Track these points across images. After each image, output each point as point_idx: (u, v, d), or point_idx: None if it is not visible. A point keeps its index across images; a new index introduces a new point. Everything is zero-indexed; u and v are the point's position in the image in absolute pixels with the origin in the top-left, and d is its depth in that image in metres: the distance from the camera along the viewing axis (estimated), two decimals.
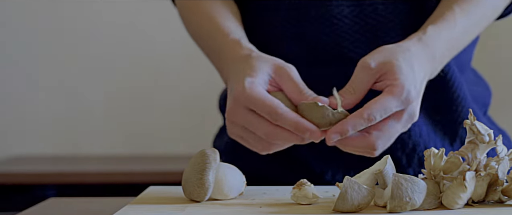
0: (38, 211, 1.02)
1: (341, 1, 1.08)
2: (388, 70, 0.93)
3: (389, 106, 0.91)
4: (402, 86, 0.92)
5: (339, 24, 1.08)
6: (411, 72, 0.94)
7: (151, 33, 2.68)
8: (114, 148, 2.69)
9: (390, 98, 0.91)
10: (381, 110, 0.91)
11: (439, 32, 1.01)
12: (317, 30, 1.08)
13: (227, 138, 1.18)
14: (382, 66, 0.94)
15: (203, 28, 1.09)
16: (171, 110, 2.69)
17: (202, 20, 1.09)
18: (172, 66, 2.67)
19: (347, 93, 0.94)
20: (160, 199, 0.90)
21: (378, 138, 0.93)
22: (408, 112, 0.93)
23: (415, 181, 0.79)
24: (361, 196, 0.80)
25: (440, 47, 1.00)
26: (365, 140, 0.93)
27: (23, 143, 2.70)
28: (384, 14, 1.08)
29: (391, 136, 0.94)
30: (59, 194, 2.27)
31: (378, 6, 1.08)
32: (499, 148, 0.85)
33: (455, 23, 1.03)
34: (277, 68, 0.96)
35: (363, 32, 1.08)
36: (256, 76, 0.94)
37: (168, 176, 2.21)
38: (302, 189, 0.86)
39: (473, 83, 1.18)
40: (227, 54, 1.02)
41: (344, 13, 1.08)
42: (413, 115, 0.94)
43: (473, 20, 1.05)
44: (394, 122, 0.93)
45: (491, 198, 0.85)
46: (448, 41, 1.02)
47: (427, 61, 0.98)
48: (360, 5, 1.08)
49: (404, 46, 0.97)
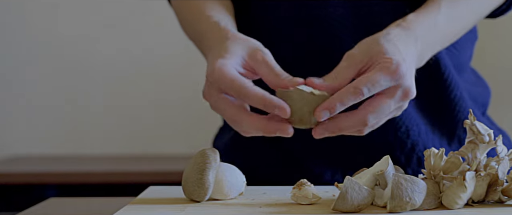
0: (38, 211, 1.02)
1: (338, 2, 1.08)
2: (374, 54, 0.91)
3: (377, 79, 0.88)
4: (390, 60, 0.89)
5: (335, 25, 1.08)
6: (396, 49, 0.91)
7: (151, 33, 2.68)
8: (114, 148, 2.69)
9: (379, 73, 0.88)
10: (368, 83, 0.87)
11: (419, 17, 0.99)
12: (314, 31, 1.08)
13: (227, 138, 1.18)
14: (366, 52, 0.91)
15: (192, 15, 1.08)
16: (171, 110, 2.69)
17: (192, 10, 1.09)
18: (172, 66, 2.67)
19: (329, 78, 0.91)
20: (160, 199, 0.90)
21: (369, 112, 0.89)
22: (401, 88, 0.90)
23: (415, 181, 0.79)
24: (361, 196, 0.80)
25: (421, 30, 0.98)
26: (355, 115, 0.89)
27: (23, 143, 2.70)
28: (380, 15, 1.08)
29: (383, 113, 0.90)
30: (59, 194, 2.27)
31: (373, 7, 1.08)
32: (499, 148, 0.85)
33: (439, 10, 1.01)
34: (252, 51, 0.93)
35: (359, 33, 1.08)
36: (228, 57, 0.92)
37: (168, 176, 2.21)
38: (302, 189, 0.86)
39: (472, 83, 1.18)
40: (207, 35, 1.01)
41: (339, 14, 1.08)
42: (408, 91, 0.90)
43: (461, 7, 1.04)
44: (385, 98, 0.89)
45: (491, 198, 0.85)
46: (432, 26, 1.00)
47: (409, 43, 0.95)
48: (355, 6, 1.08)
49: (383, 31, 0.95)
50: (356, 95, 0.87)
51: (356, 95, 0.87)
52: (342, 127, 0.89)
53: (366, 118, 0.89)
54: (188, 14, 1.11)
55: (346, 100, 0.87)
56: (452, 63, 1.12)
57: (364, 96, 0.88)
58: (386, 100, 0.90)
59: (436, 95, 1.11)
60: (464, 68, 1.17)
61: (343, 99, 0.87)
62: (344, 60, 0.92)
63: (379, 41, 0.92)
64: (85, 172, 2.33)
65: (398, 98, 0.90)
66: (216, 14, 1.04)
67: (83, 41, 2.68)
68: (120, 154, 2.69)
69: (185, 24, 1.13)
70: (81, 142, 2.70)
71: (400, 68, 0.89)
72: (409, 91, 0.90)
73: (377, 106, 0.89)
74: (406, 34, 0.96)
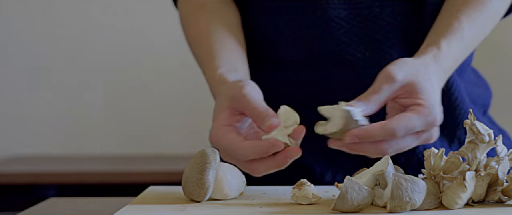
0: (38, 211, 1.02)
1: (338, 4, 1.08)
2: (412, 89, 0.91)
3: (415, 125, 0.89)
4: (429, 108, 0.90)
5: (336, 27, 1.08)
6: (433, 93, 0.92)
7: (151, 33, 2.68)
8: (114, 148, 2.69)
9: (416, 118, 0.89)
10: (405, 128, 0.88)
11: (450, 47, 1.00)
12: (315, 33, 1.08)
13: None
14: (406, 83, 0.91)
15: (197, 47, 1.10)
16: (171, 110, 2.69)
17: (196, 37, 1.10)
18: (172, 66, 2.67)
19: (372, 101, 0.90)
20: (160, 199, 0.90)
21: (391, 147, 0.90)
22: (429, 133, 0.91)
23: (415, 181, 0.79)
24: (361, 196, 0.80)
25: (449, 62, 0.99)
26: (376, 146, 0.90)
27: (23, 143, 2.70)
28: (382, 16, 1.08)
29: (403, 148, 0.91)
30: (59, 194, 2.27)
31: (375, 8, 1.08)
32: (499, 148, 0.85)
33: (462, 35, 1.01)
34: (234, 99, 0.92)
35: (361, 34, 1.08)
36: (219, 118, 0.92)
37: (168, 176, 2.21)
38: (302, 189, 0.86)
39: (473, 83, 1.18)
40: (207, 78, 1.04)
41: (341, 16, 1.08)
42: (431, 137, 0.92)
43: (479, 28, 1.04)
44: (412, 139, 0.91)
45: (491, 198, 0.85)
46: (457, 55, 1.01)
47: (440, 78, 0.97)
48: (357, 8, 1.08)
49: (424, 63, 0.95)
50: (391, 137, 0.88)
51: (391, 137, 0.88)
52: (362, 151, 0.90)
53: (387, 151, 0.90)
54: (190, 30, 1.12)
55: (378, 138, 0.88)
56: None
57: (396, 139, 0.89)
58: (412, 140, 0.91)
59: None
60: (465, 68, 1.17)
61: (376, 136, 0.88)
62: (384, 82, 0.91)
63: (421, 74, 0.92)
64: (85, 172, 2.33)
65: (422, 140, 0.92)
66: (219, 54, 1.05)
67: (83, 41, 2.68)
68: (120, 154, 2.69)
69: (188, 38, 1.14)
70: (81, 142, 2.70)
71: (436, 118, 0.90)
72: (431, 138, 0.92)
73: (401, 143, 0.90)
74: (439, 69, 0.97)
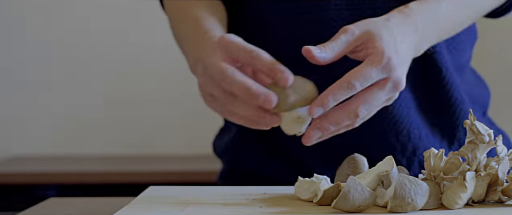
0: (38, 211, 1.02)
1: (340, 4, 1.08)
2: (368, 38, 0.90)
3: (369, 73, 0.88)
4: (381, 53, 0.89)
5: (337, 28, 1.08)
6: (392, 39, 0.91)
7: (151, 33, 2.68)
8: (114, 148, 2.69)
9: (370, 65, 0.88)
10: (360, 77, 0.87)
11: (421, 6, 0.99)
12: (316, 33, 1.08)
13: (227, 139, 1.18)
14: (363, 33, 0.91)
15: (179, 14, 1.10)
16: (171, 110, 2.69)
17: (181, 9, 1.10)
18: (172, 66, 2.67)
19: (328, 48, 0.90)
20: (160, 199, 0.90)
21: (360, 104, 0.89)
22: (392, 80, 0.90)
23: (419, 184, 0.79)
24: (363, 197, 0.80)
25: (422, 21, 0.97)
26: (347, 107, 0.88)
27: (23, 143, 2.70)
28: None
29: (375, 105, 0.90)
30: (59, 194, 2.27)
31: (377, 10, 1.08)
32: (499, 148, 0.85)
33: (439, 3, 1.01)
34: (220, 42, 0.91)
35: None
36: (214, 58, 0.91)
37: (168, 176, 2.21)
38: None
39: (472, 84, 1.18)
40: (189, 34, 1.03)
41: (343, 16, 1.08)
42: (397, 83, 0.90)
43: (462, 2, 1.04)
44: (377, 90, 0.89)
45: (491, 198, 0.85)
46: (432, 18, 1.00)
47: (408, 32, 0.95)
48: (359, 8, 1.08)
49: (385, 17, 0.95)
50: (349, 90, 0.87)
51: (349, 90, 0.87)
52: (334, 121, 0.89)
53: (358, 109, 0.88)
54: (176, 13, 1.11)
55: (339, 95, 0.87)
56: (452, 64, 1.12)
57: (356, 91, 0.88)
58: (377, 92, 0.89)
59: (437, 98, 1.11)
60: (464, 68, 1.17)
61: (337, 95, 0.87)
62: (343, 34, 0.91)
63: (378, 25, 0.92)
64: (85, 172, 2.33)
65: (388, 89, 0.90)
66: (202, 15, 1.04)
67: (83, 42, 2.68)
68: (120, 154, 2.69)
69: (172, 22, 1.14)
70: (81, 142, 2.70)
71: (391, 61, 0.89)
72: (399, 83, 0.90)
73: (369, 98, 0.89)
74: (406, 22, 0.95)
